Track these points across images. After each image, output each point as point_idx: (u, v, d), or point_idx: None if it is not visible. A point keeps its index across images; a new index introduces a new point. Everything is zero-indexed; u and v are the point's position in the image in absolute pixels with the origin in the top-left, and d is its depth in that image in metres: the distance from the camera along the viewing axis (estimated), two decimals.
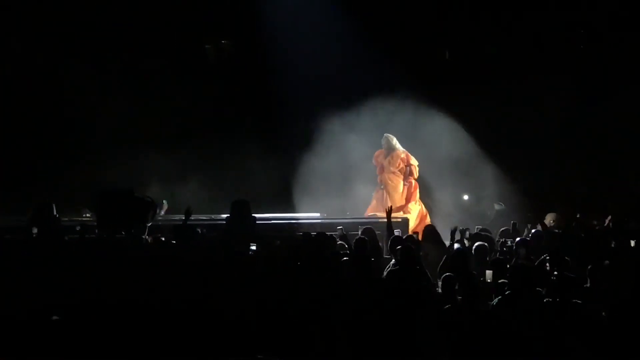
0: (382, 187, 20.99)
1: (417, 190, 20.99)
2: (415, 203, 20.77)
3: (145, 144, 21.73)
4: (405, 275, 11.15)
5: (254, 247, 12.79)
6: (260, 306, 10.17)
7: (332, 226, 16.06)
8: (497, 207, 21.34)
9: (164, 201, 19.52)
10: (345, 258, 12.26)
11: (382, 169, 21.02)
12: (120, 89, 21.87)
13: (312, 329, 9.77)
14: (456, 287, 10.41)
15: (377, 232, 15.25)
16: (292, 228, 17.34)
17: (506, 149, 22.84)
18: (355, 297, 10.34)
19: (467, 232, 14.85)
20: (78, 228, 13.54)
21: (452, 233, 13.91)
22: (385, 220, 14.93)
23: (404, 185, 20.73)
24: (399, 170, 20.79)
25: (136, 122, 22.07)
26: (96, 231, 13.80)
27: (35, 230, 13.48)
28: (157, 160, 21.49)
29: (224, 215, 15.49)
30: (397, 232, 14.46)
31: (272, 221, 18.47)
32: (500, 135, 22.93)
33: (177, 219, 15.69)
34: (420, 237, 14.61)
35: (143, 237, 13.60)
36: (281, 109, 22.79)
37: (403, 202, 20.69)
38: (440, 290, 10.90)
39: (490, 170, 22.52)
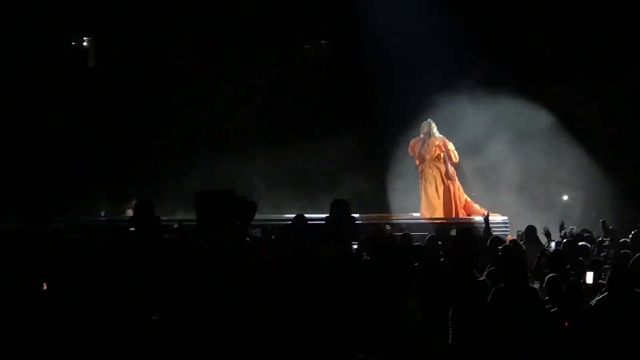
0: (420, 177, 20.63)
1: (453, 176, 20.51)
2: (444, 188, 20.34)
3: (242, 143, 21.97)
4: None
5: (355, 246, 12.80)
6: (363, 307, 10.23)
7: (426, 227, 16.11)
8: (566, 199, 20.96)
9: None
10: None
11: (422, 158, 20.54)
12: (219, 89, 22.18)
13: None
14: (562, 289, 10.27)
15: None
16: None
17: (607, 149, 22.50)
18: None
19: (564, 231, 14.66)
20: (175, 226, 13.68)
21: (547, 233, 13.74)
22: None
23: (450, 173, 20.26)
24: (437, 157, 20.31)
25: (233, 121, 22.34)
26: (196, 231, 13.96)
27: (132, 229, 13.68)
28: (253, 159, 21.72)
29: (321, 215, 15.58)
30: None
31: (372, 221, 18.54)
32: (602, 136, 22.60)
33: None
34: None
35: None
36: (378, 110, 22.76)
37: (440, 196, 20.26)
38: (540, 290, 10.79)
39: (592, 170, 22.22)
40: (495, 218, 19.02)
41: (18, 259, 11.26)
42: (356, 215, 15.64)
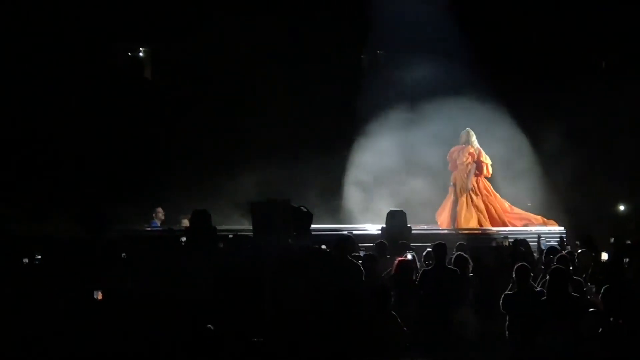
0: (451, 184, 20.56)
1: (483, 186, 20.38)
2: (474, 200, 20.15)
3: (293, 152, 22.17)
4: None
5: (409, 256, 12.79)
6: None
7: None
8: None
9: None
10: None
11: (455, 166, 20.49)
12: (282, 99, 22.46)
13: None
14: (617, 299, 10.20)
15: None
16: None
17: None
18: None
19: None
20: (230, 236, 13.76)
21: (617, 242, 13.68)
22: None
23: (468, 185, 20.11)
24: (467, 165, 20.14)
25: (294, 130, 22.59)
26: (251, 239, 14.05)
27: (184, 238, 13.81)
28: (307, 168, 21.91)
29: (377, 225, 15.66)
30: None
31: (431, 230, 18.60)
32: None
33: None
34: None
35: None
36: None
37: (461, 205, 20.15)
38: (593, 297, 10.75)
39: None
40: (552, 228, 18.93)
41: (74, 268, 11.45)
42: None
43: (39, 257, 12.34)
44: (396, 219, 15.42)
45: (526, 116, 22.22)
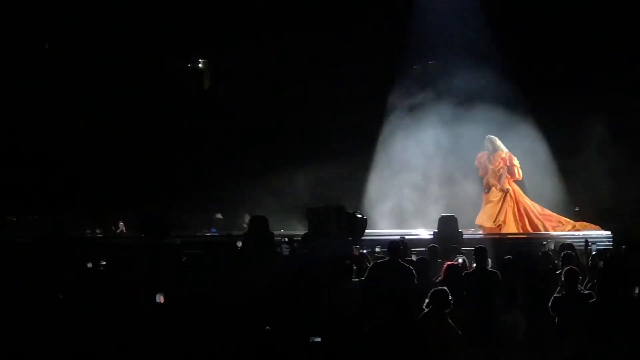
0: (485, 190, 20.84)
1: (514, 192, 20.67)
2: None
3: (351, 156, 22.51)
4: None
5: (460, 260, 13.03)
6: None
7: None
8: None
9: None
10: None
11: (486, 170, 20.77)
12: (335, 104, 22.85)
13: None
14: None
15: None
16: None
17: None
18: None
19: None
20: (285, 240, 14.07)
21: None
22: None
23: (503, 186, 20.43)
24: (499, 169, 20.47)
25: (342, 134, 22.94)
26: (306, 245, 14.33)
27: (239, 244, 14.16)
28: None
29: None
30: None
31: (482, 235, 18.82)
32: None
33: None
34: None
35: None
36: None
37: (498, 207, 20.44)
38: None
39: None
40: (599, 232, 19.04)
41: (137, 272, 11.78)
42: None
43: (104, 262, 12.71)
44: (448, 224, 15.72)
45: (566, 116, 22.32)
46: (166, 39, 22.40)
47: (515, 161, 20.41)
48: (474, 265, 12.59)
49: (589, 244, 15.05)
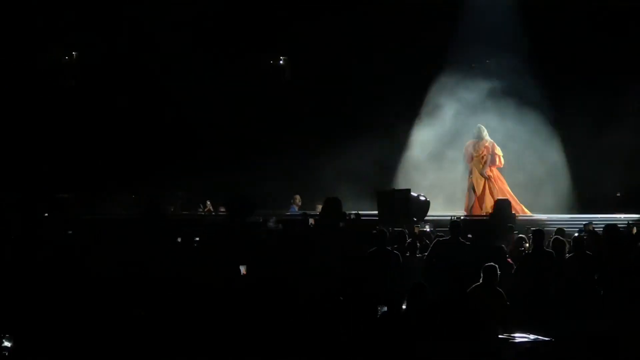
0: (470, 175, 21.76)
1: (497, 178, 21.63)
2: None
3: None
4: None
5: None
6: None
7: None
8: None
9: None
10: None
11: (471, 157, 21.69)
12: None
13: None
14: None
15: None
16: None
17: None
18: None
19: None
20: (341, 225, 15.08)
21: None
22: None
23: (485, 173, 21.40)
24: (483, 157, 21.44)
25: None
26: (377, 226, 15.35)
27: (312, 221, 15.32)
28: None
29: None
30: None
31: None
32: None
33: None
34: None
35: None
36: None
37: (480, 191, 21.39)
38: None
39: None
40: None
41: (225, 247, 12.74)
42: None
43: (197, 239, 13.75)
44: (504, 207, 16.78)
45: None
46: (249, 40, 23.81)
47: (498, 150, 21.42)
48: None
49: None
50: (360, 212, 16.56)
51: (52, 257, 11.93)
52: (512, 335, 10.33)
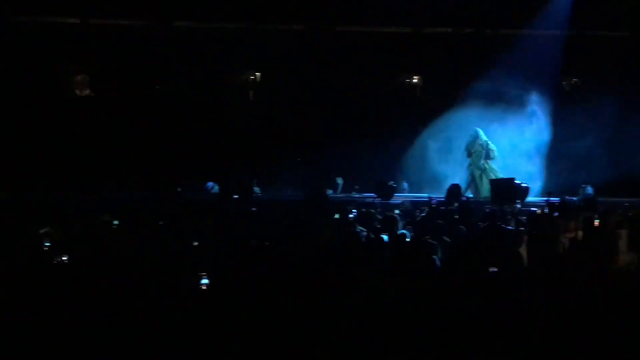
0: (469, 168, 23.91)
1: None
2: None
3: None
4: None
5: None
6: None
7: None
8: None
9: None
10: None
11: (471, 154, 23.80)
12: None
13: None
14: None
15: None
16: None
17: None
18: None
19: None
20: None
21: None
22: None
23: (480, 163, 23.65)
24: (480, 151, 23.60)
25: None
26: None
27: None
28: None
29: None
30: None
31: None
32: None
33: None
34: None
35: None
36: None
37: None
38: None
39: None
40: None
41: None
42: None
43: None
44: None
45: None
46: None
47: (492, 146, 23.65)
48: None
49: None
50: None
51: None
52: None
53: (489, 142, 23.67)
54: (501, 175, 22.74)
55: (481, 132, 23.74)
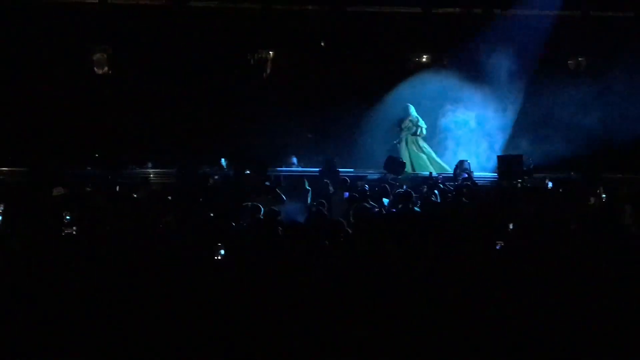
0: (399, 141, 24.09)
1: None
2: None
3: None
4: None
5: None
6: None
7: None
8: None
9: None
10: None
11: (401, 129, 24.08)
12: None
13: None
14: None
15: None
16: None
17: None
18: None
19: None
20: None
21: None
22: None
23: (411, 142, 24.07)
24: (409, 127, 24.00)
25: None
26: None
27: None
28: None
29: None
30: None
31: None
32: None
33: None
34: None
35: None
36: None
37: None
38: None
39: None
40: None
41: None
42: None
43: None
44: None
45: None
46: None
47: (421, 122, 24.02)
48: None
49: None
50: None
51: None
52: None
53: (420, 119, 23.99)
54: (428, 151, 23.40)
55: (412, 108, 24.05)
